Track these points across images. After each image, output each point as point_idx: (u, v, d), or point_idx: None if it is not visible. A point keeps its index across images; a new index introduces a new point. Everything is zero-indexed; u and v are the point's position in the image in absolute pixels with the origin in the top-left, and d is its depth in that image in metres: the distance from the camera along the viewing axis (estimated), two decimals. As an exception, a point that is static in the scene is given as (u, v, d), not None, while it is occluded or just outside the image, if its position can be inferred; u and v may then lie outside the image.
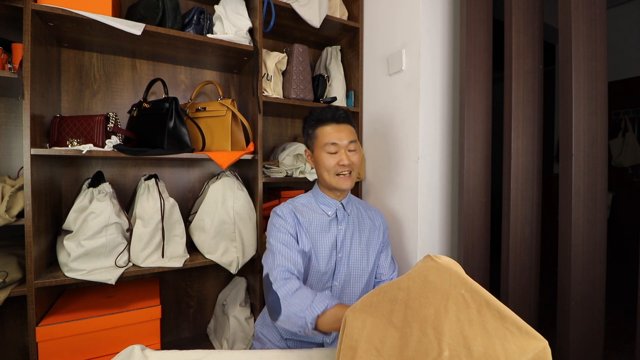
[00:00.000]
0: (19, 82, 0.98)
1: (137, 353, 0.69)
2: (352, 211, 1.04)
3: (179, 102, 1.23)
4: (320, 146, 0.97)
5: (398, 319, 0.53)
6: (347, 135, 0.96)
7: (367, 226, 1.04)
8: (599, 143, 0.89)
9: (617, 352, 1.55)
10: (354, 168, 0.97)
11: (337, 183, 0.96)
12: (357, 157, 0.98)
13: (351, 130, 0.99)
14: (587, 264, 0.89)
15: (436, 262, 0.54)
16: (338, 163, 0.95)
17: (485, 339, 0.45)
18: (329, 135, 0.96)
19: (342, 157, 0.95)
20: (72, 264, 1.05)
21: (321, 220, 0.98)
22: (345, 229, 1.00)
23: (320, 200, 1.01)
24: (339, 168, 0.95)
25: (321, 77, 1.54)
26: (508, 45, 1.05)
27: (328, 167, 0.96)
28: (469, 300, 0.48)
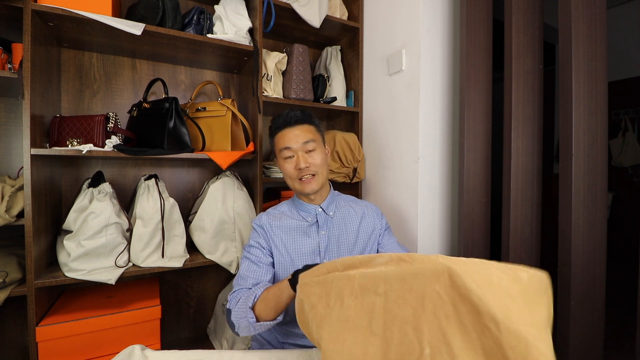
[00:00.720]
0: (19, 82, 0.98)
1: (137, 353, 0.69)
2: (336, 213, 0.98)
3: (179, 102, 1.23)
4: (278, 153, 0.94)
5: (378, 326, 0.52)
6: (301, 136, 0.90)
7: (355, 223, 0.98)
8: (599, 143, 0.89)
9: (617, 352, 1.55)
10: (318, 169, 0.91)
11: (301, 188, 0.91)
12: (319, 157, 0.91)
13: (307, 129, 0.92)
14: (587, 264, 0.89)
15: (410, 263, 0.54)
16: (295, 167, 0.90)
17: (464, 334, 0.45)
18: (282, 141, 0.92)
19: (298, 161, 0.89)
20: (72, 264, 1.05)
21: (299, 226, 0.93)
22: (329, 234, 0.94)
23: (299, 207, 0.97)
24: (299, 172, 0.90)
25: (321, 77, 1.54)
26: (508, 45, 1.05)
27: (288, 174, 0.92)
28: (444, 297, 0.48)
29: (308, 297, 0.59)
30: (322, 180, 0.93)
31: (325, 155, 0.95)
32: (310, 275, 0.61)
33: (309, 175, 0.91)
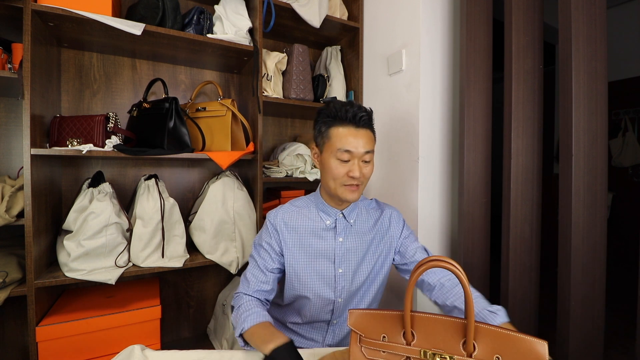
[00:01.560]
0: (19, 82, 0.98)
1: (137, 353, 0.68)
2: (357, 221, 0.92)
3: (179, 102, 1.23)
4: (332, 150, 0.83)
5: None
6: (365, 144, 0.82)
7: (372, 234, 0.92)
8: (599, 143, 0.89)
9: (617, 352, 1.55)
10: (365, 180, 0.85)
11: (342, 194, 0.84)
12: (370, 170, 0.85)
13: (370, 137, 0.85)
14: (587, 264, 0.89)
15: None
16: (348, 174, 0.82)
17: None
18: (343, 140, 0.81)
19: (353, 168, 0.81)
20: (72, 264, 1.05)
21: (315, 228, 0.89)
22: (346, 242, 0.89)
23: (320, 207, 0.90)
24: (348, 179, 0.82)
25: (321, 77, 1.54)
26: (508, 45, 1.05)
27: (335, 176, 0.83)
28: None
29: None
30: (363, 191, 0.88)
31: (372, 169, 0.89)
32: None
33: (356, 185, 0.84)
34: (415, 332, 0.48)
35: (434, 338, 0.47)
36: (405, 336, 0.48)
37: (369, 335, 0.50)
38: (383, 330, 0.50)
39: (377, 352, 0.49)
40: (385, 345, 0.49)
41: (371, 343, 0.50)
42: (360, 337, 0.51)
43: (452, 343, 0.46)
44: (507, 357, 0.44)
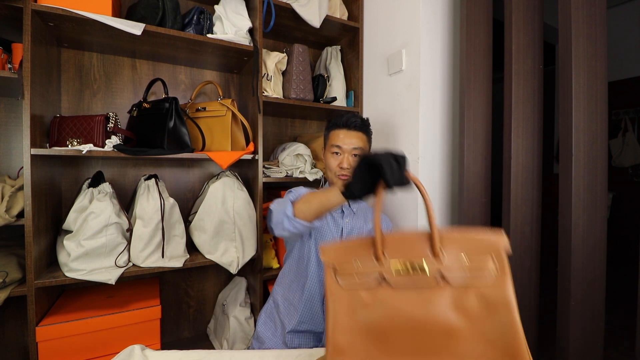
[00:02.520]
0: (19, 82, 0.98)
1: (137, 353, 0.69)
2: (359, 209, 1.09)
3: (179, 102, 1.23)
4: (328, 147, 1.06)
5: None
6: (354, 142, 1.02)
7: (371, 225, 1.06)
8: (599, 143, 0.89)
9: (617, 351, 1.55)
10: None
11: (337, 183, 1.03)
12: None
13: (361, 138, 1.04)
14: (587, 264, 0.89)
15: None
16: (339, 165, 1.01)
17: None
18: (335, 138, 1.04)
19: (342, 160, 1.01)
20: (72, 264, 1.05)
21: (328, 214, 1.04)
22: (352, 223, 1.05)
23: None
24: (339, 170, 1.02)
25: (321, 77, 1.54)
26: (508, 45, 1.05)
27: (330, 167, 1.04)
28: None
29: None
30: None
31: None
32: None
33: (347, 175, 1.01)
34: (386, 251, 0.50)
35: (403, 252, 0.49)
36: (376, 257, 0.50)
37: (342, 266, 0.51)
38: (356, 257, 0.51)
39: (353, 280, 0.50)
40: (359, 270, 0.50)
41: (346, 272, 0.50)
42: (335, 270, 0.51)
43: (420, 252, 0.49)
44: (471, 253, 0.47)
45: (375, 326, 0.48)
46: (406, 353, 0.47)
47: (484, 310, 0.45)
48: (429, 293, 0.47)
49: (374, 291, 0.49)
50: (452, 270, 0.47)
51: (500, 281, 0.45)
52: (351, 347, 0.49)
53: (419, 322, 0.47)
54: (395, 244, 0.50)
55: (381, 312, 0.48)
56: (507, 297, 0.45)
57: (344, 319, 0.49)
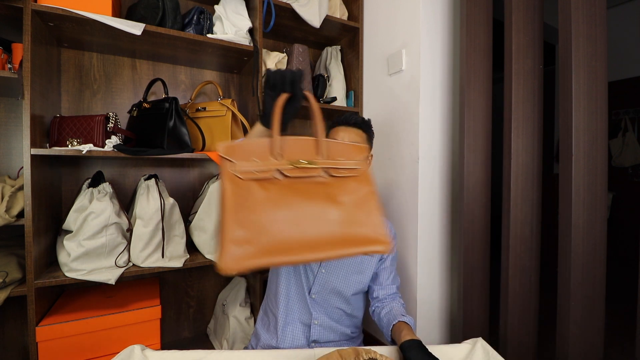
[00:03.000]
0: (19, 82, 0.98)
1: (137, 353, 0.69)
2: None
3: (179, 102, 1.23)
4: None
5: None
6: (349, 137, 1.00)
7: None
8: (599, 143, 0.89)
9: (617, 351, 1.55)
10: None
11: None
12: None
13: (359, 134, 1.01)
14: (587, 264, 0.89)
15: None
16: None
17: None
18: (333, 134, 1.03)
19: None
20: (72, 264, 1.05)
21: None
22: None
23: None
24: None
25: (321, 77, 1.53)
26: (508, 45, 1.05)
27: None
28: None
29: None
30: None
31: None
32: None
33: None
34: (282, 152, 0.59)
35: (296, 154, 0.60)
36: (273, 154, 0.58)
37: (241, 162, 0.57)
38: (254, 155, 0.58)
39: (250, 172, 0.56)
40: (256, 164, 0.57)
41: (244, 167, 0.56)
42: (232, 164, 0.56)
43: (309, 154, 0.61)
44: (344, 155, 0.64)
45: (274, 212, 0.55)
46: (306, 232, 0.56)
47: (353, 193, 0.62)
48: (320, 185, 0.60)
49: (270, 184, 0.57)
50: (335, 166, 0.62)
51: (365, 173, 0.64)
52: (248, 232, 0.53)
53: (314, 204, 0.58)
54: (289, 147, 0.60)
55: (280, 199, 0.57)
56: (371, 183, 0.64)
57: (240, 206, 0.54)
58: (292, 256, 0.54)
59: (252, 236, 0.53)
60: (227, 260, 0.50)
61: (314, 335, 0.95)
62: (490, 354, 0.74)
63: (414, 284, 1.26)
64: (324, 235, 0.57)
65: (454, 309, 1.35)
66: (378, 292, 0.99)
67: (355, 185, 0.62)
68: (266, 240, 0.53)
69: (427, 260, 1.28)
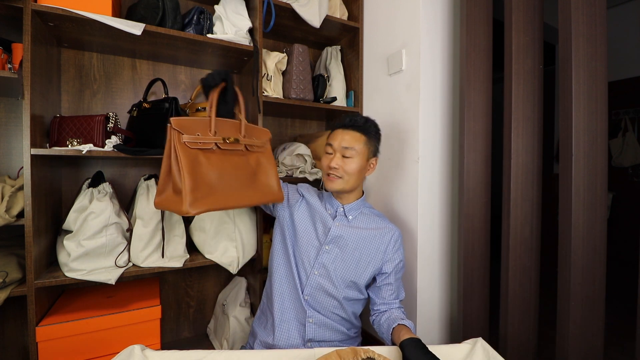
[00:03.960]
0: (19, 82, 0.98)
1: (137, 353, 0.69)
2: (357, 219, 1.03)
3: (179, 102, 1.23)
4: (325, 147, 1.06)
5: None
6: (345, 141, 0.98)
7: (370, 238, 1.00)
8: (599, 143, 0.89)
9: (618, 351, 1.55)
10: (345, 173, 0.98)
11: (325, 182, 1.02)
12: (352, 165, 0.98)
13: (357, 137, 0.99)
14: (587, 264, 0.89)
15: None
16: (328, 164, 0.99)
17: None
18: (330, 137, 1.03)
19: (332, 159, 0.99)
20: (72, 264, 1.05)
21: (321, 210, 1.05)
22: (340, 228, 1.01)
23: (327, 197, 1.08)
24: (328, 169, 1.00)
25: (321, 77, 1.53)
26: (508, 45, 1.05)
27: (322, 167, 1.04)
28: None
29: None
30: (345, 185, 1.00)
31: (361, 167, 1.00)
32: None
33: (335, 175, 0.99)
34: (217, 130, 0.87)
35: (227, 132, 0.90)
36: (210, 132, 0.86)
37: (189, 134, 0.81)
38: (197, 130, 0.83)
39: (196, 143, 0.82)
40: (200, 138, 0.83)
41: (191, 137, 0.81)
42: (182, 135, 0.80)
43: (235, 132, 0.93)
44: (256, 136, 1.00)
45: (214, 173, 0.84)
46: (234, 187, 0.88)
47: (261, 162, 1.00)
48: (241, 156, 0.94)
49: (210, 153, 0.85)
50: (250, 144, 0.96)
51: (268, 150, 1.04)
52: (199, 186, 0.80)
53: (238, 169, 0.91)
54: (222, 126, 0.89)
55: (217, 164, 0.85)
56: (271, 157, 1.03)
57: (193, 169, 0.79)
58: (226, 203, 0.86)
59: (203, 189, 0.80)
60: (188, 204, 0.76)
61: (309, 334, 0.95)
62: (490, 354, 0.74)
63: (414, 284, 1.26)
64: (245, 191, 0.90)
65: (454, 309, 1.35)
66: (379, 305, 0.98)
67: (261, 157, 0.99)
68: (211, 192, 0.81)
69: (427, 260, 1.28)
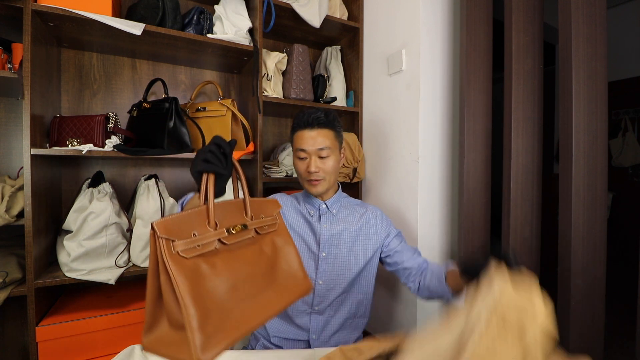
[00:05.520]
0: (19, 82, 0.98)
1: (137, 353, 0.69)
2: (340, 212, 1.02)
3: (179, 102, 1.23)
4: (294, 151, 0.99)
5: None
6: (318, 142, 0.94)
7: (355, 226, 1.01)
8: (599, 143, 0.89)
9: (618, 351, 1.55)
10: (326, 174, 0.96)
11: (308, 188, 0.98)
12: (330, 164, 0.96)
13: (326, 134, 0.96)
14: (587, 264, 0.89)
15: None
16: (306, 169, 0.95)
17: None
18: (299, 141, 0.97)
19: (309, 164, 0.94)
20: (72, 264, 1.05)
21: (303, 213, 1.01)
22: (331, 229, 0.98)
23: (306, 199, 1.03)
24: (308, 175, 0.95)
25: (321, 77, 1.53)
26: (508, 45, 1.05)
27: (299, 173, 0.98)
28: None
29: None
30: (328, 185, 0.98)
31: (337, 162, 0.99)
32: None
33: (316, 179, 0.95)
34: (216, 219, 0.58)
35: (229, 218, 0.61)
36: (210, 225, 0.57)
37: (182, 238, 0.52)
38: (192, 229, 0.55)
39: (194, 249, 0.53)
40: (198, 239, 0.54)
41: (186, 243, 0.52)
42: (174, 243, 0.51)
43: (240, 216, 0.64)
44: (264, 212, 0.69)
45: (224, 285, 0.54)
46: (252, 296, 0.58)
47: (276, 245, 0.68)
48: (252, 245, 0.63)
49: (213, 256, 0.55)
50: (261, 225, 0.66)
51: (281, 225, 0.70)
52: (209, 314, 0.51)
53: (253, 266, 0.61)
54: (221, 213, 0.60)
55: (226, 271, 0.55)
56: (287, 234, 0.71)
57: (196, 290, 0.50)
58: (248, 326, 0.55)
59: (215, 316, 0.51)
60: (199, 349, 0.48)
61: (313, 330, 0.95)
62: (490, 354, 0.74)
63: (414, 284, 1.26)
64: (266, 295, 0.60)
65: (454, 309, 1.35)
66: (410, 269, 0.96)
67: (276, 238, 0.69)
68: (226, 316, 0.53)
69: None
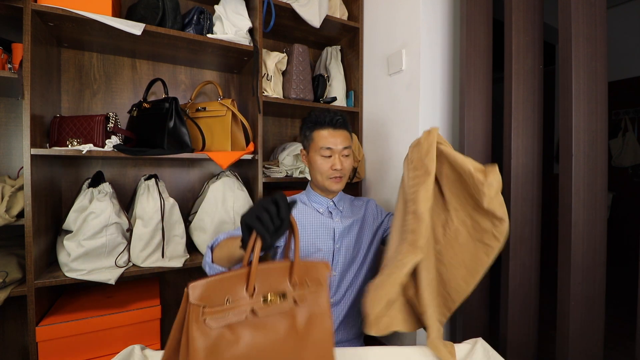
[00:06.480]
0: (19, 82, 0.98)
1: (137, 353, 0.68)
2: (344, 207, 1.10)
3: (179, 102, 1.23)
4: (316, 149, 1.02)
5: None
6: (342, 141, 1.01)
7: (359, 217, 1.09)
8: (599, 143, 0.89)
9: (617, 351, 1.55)
10: (346, 172, 1.04)
11: (329, 185, 1.02)
12: (349, 163, 1.04)
13: (347, 136, 1.04)
14: (587, 264, 0.89)
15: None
16: (331, 167, 1.00)
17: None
18: (324, 140, 1.00)
19: (335, 162, 1.00)
20: (72, 264, 1.05)
21: (317, 217, 1.05)
22: (340, 222, 1.05)
23: (312, 198, 1.08)
24: (332, 172, 1.00)
25: (321, 77, 1.53)
26: (508, 45, 1.05)
27: (322, 171, 1.01)
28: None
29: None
30: (344, 182, 1.06)
31: (352, 162, 1.07)
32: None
33: (339, 176, 1.02)
34: (256, 285, 0.51)
35: (270, 282, 0.53)
36: (247, 291, 0.50)
37: (213, 304, 0.47)
38: (226, 294, 0.48)
39: (224, 317, 0.47)
40: (230, 307, 0.48)
41: (217, 311, 0.47)
42: (203, 310, 0.46)
43: (282, 281, 0.54)
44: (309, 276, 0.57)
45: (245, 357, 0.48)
46: None
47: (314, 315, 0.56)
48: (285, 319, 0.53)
49: (240, 325, 0.48)
50: (301, 294, 0.55)
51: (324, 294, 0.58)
52: None
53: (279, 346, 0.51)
54: (263, 276, 0.52)
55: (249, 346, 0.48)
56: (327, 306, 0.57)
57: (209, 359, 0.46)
58: None
59: None
60: None
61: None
62: (490, 354, 0.74)
63: (414, 284, 1.26)
64: None
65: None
66: None
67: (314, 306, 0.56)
68: None
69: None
